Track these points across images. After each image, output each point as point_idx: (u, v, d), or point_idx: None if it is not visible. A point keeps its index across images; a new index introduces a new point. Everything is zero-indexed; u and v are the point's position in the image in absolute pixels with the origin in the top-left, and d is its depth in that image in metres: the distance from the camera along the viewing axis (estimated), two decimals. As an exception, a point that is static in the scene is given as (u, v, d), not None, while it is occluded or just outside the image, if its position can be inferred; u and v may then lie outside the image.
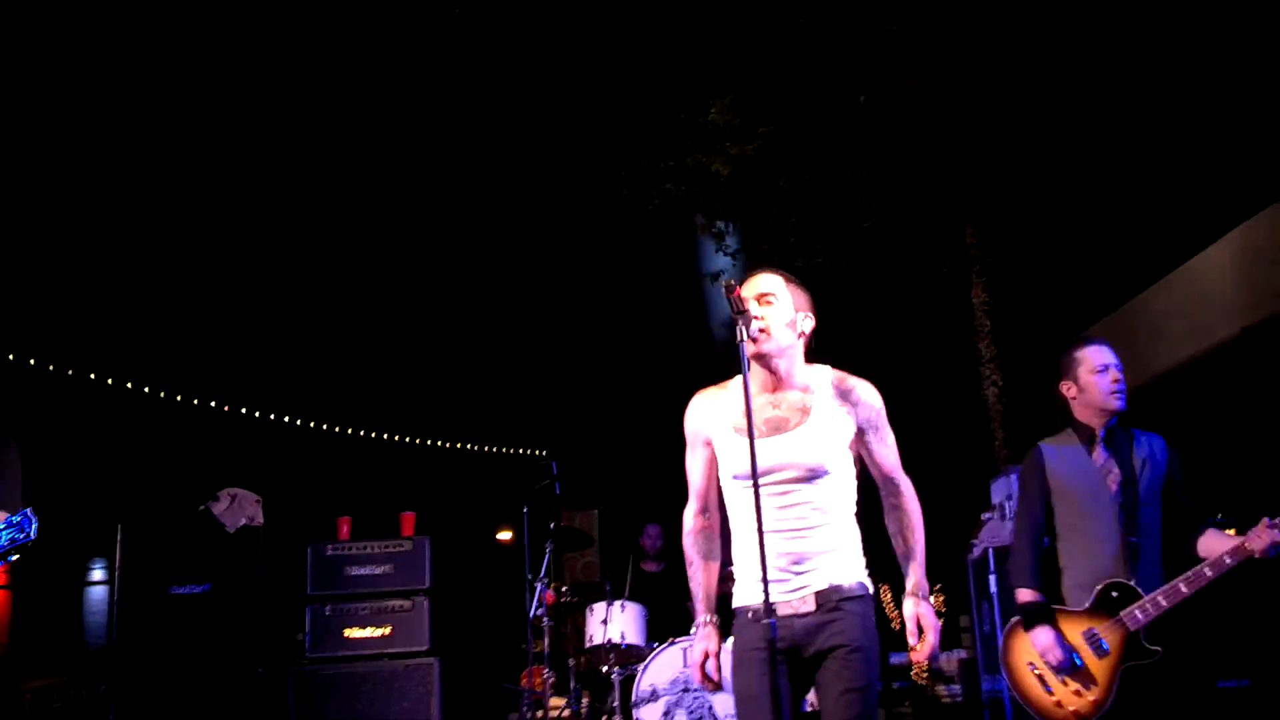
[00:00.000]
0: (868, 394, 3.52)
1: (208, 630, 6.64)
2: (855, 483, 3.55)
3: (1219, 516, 5.51)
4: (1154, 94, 8.49)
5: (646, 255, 10.20)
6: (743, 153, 9.09)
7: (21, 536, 3.74)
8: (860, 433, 3.50)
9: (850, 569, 3.43)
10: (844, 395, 3.52)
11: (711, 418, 3.53)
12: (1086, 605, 4.25)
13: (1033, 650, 4.29)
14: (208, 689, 6.54)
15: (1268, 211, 8.23)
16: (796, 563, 3.39)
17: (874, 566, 3.54)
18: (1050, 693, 4.28)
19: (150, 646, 6.59)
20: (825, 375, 3.55)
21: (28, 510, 3.76)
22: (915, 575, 3.49)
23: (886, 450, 3.56)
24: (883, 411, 3.54)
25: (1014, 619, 4.40)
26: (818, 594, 3.35)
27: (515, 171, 10.15)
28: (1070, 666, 4.22)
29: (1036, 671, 4.30)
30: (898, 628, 9.45)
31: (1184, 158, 8.57)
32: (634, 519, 10.07)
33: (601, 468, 11.92)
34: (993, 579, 6.19)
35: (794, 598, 3.36)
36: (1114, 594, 4.20)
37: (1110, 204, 9.07)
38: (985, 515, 6.66)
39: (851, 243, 9.24)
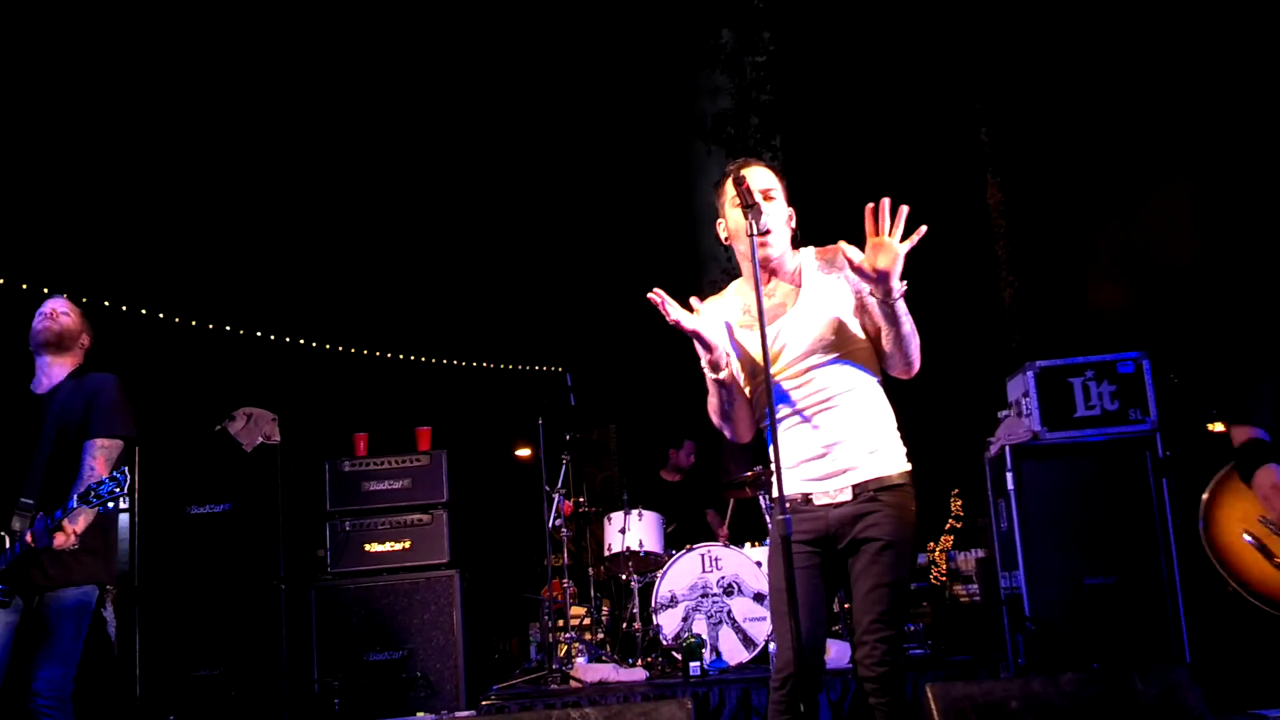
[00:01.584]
0: (851, 252, 3.40)
1: (228, 549, 6.68)
2: (876, 357, 3.48)
3: None
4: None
5: (653, 171, 10.13)
6: (762, 51, 8.97)
7: (120, 490, 4.10)
8: (859, 295, 3.42)
9: (887, 454, 3.41)
10: (830, 264, 3.47)
11: (714, 324, 3.49)
12: None
13: (1247, 514, 3.45)
14: (231, 607, 6.60)
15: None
16: (828, 449, 3.37)
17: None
18: (1278, 565, 3.45)
19: (172, 567, 6.64)
20: (809, 254, 3.53)
21: (125, 468, 4.14)
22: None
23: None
24: None
25: (1218, 476, 3.60)
26: (854, 486, 3.35)
27: (529, 87, 10.04)
28: None
29: (1254, 540, 3.48)
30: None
31: (1195, 56, 8.38)
32: (652, 433, 10.09)
33: (620, 383, 11.93)
34: (1009, 476, 6.17)
35: (830, 486, 3.37)
36: None
37: (1124, 102, 8.90)
38: (1002, 413, 6.62)
39: (868, 143, 9.11)
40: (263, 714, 6.54)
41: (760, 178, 3.49)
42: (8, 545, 4.31)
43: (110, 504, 4.19)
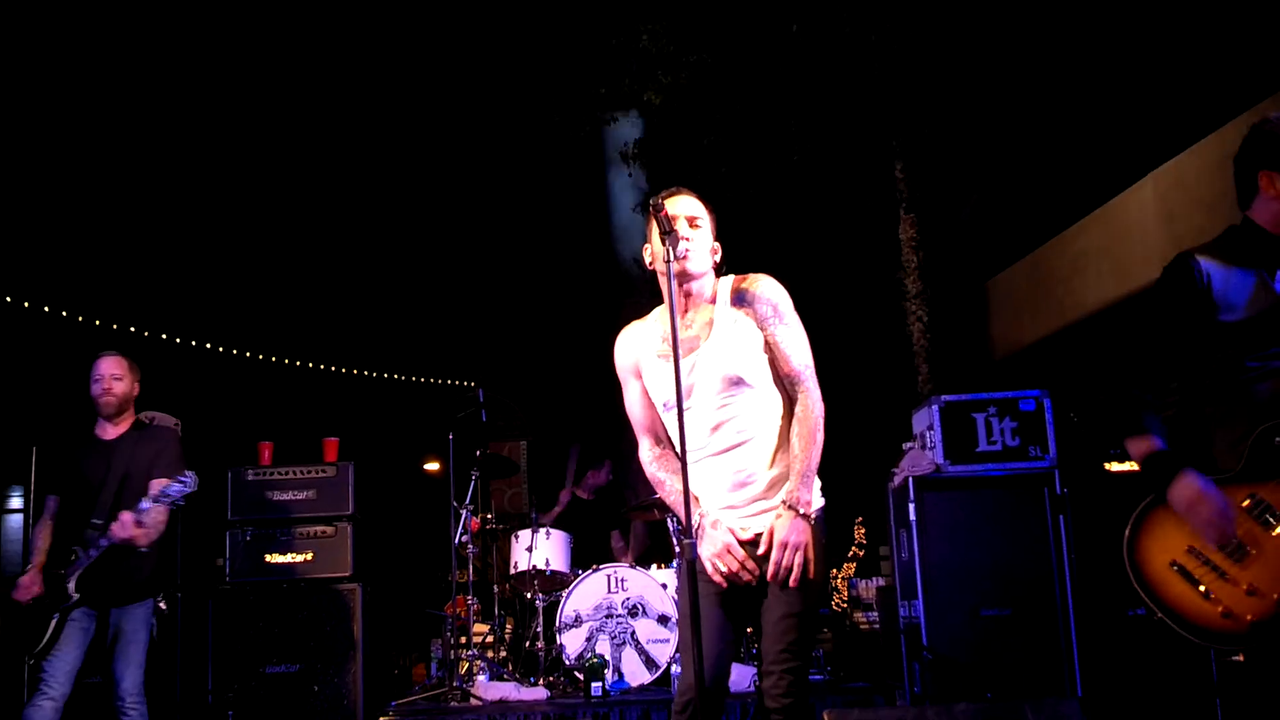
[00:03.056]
0: (763, 287, 3.47)
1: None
2: (786, 393, 3.51)
3: None
4: (1080, 33, 8.53)
5: (571, 185, 10.13)
6: (675, 81, 9.02)
7: (187, 487, 5.16)
8: (762, 328, 3.44)
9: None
10: (739, 297, 3.49)
11: (636, 349, 3.53)
12: (1239, 466, 3.11)
13: (1172, 540, 3.10)
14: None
15: (1190, 151, 8.36)
16: (741, 484, 3.40)
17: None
18: (1207, 595, 3.05)
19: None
20: (726, 285, 3.54)
21: (191, 472, 5.21)
22: (793, 484, 3.33)
23: (790, 344, 3.45)
24: (783, 304, 3.46)
25: (1139, 508, 3.21)
26: (768, 521, 3.37)
27: (442, 101, 9.99)
28: (1234, 547, 3.02)
29: (1180, 568, 3.09)
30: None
31: (1110, 96, 8.65)
32: (562, 451, 10.08)
33: (531, 399, 11.90)
34: (911, 507, 6.28)
35: (744, 521, 3.40)
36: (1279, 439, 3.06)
37: (1037, 142, 9.15)
38: (906, 445, 6.74)
39: (782, 175, 9.23)
40: (154, 724, 6.39)
41: (685, 205, 3.52)
42: (80, 555, 5.10)
43: (180, 501, 5.17)
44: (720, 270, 3.59)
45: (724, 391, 3.40)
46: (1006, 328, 11.17)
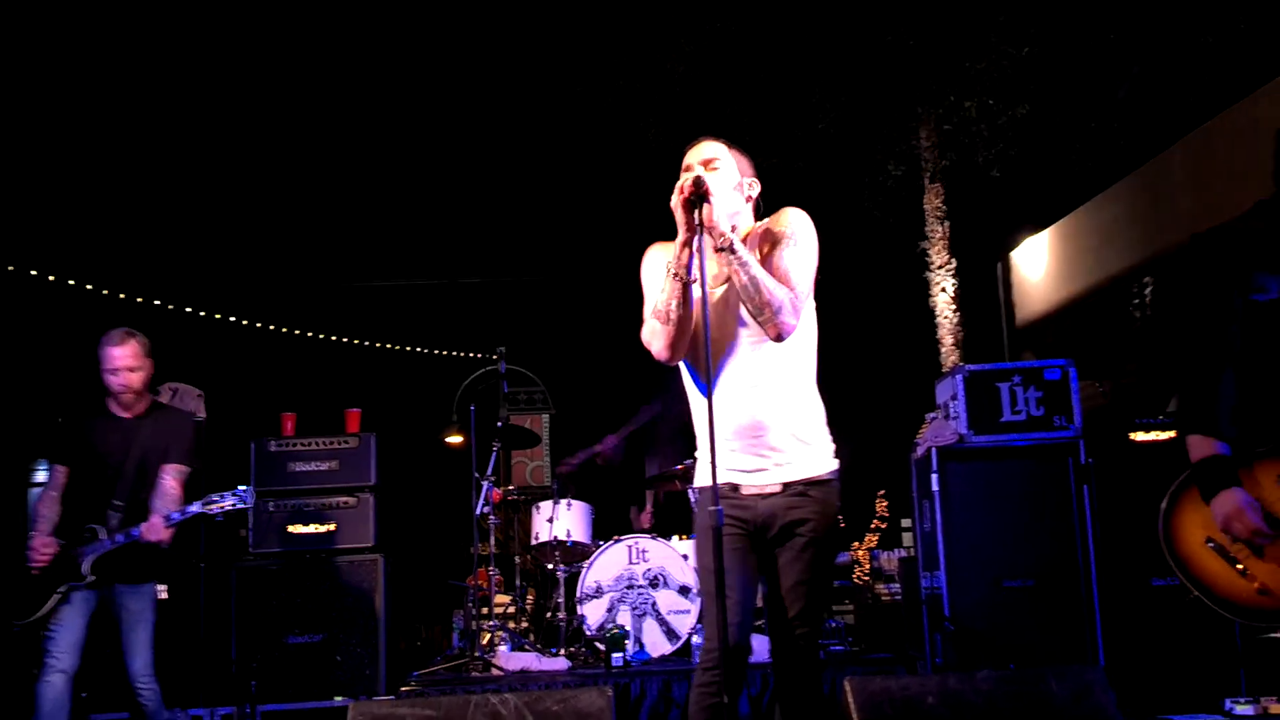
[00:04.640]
0: (788, 215, 3.40)
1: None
2: (813, 346, 3.46)
3: None
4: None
5: (598, 154, 10.05)
6: (698, 50, 8.94)
7: (241, 504, 5.20)
8: (773, 251, 3.36)
9: (817, 450, 3.40)
10: (766, 234, 3.43)
11: (663, 264, 3.41)
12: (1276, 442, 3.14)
13: (1210, 520, 3.12)
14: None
15: (1220, 117, 8.25)
16: (757, 435, 3.34)
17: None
18: (1244, 573, 3.06)
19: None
20: (761, 225, 3.49)
21: (249, 486, 5.26)
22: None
23: (791, 262, 3.33)
24: (801, 232, 3.37)
25: (1177, 483, 3.28)
26: (784, 482, 3.34)
27: (468, 68, 9.94)
28: (1269, 532, 3.01)
29: (1216, 545, 3.14)
30: (841, 527, 9.62)
31: (1139, 61, 8.52)
32: (584, 424, 10.08)
33: (554, 373, 11.90)
34: (934, 478, 6.24)
35: (760, 480, 3.35)
36: None
37: (1064, 111, 9.02)
38: (930, 415, 6.70)
39: (805, 145, 9.15)
40: (178, 693, 6.45)
41: (704, 150, 3.46)
42: (103, 536, 5.09)
43: (230, 510, 5.21)
44: (758, 206, 3.53)
45: (743, 335, 3.35)
46: (1031, 297, 11.09)
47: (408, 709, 3.13)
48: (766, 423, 3.34)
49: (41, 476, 11.63)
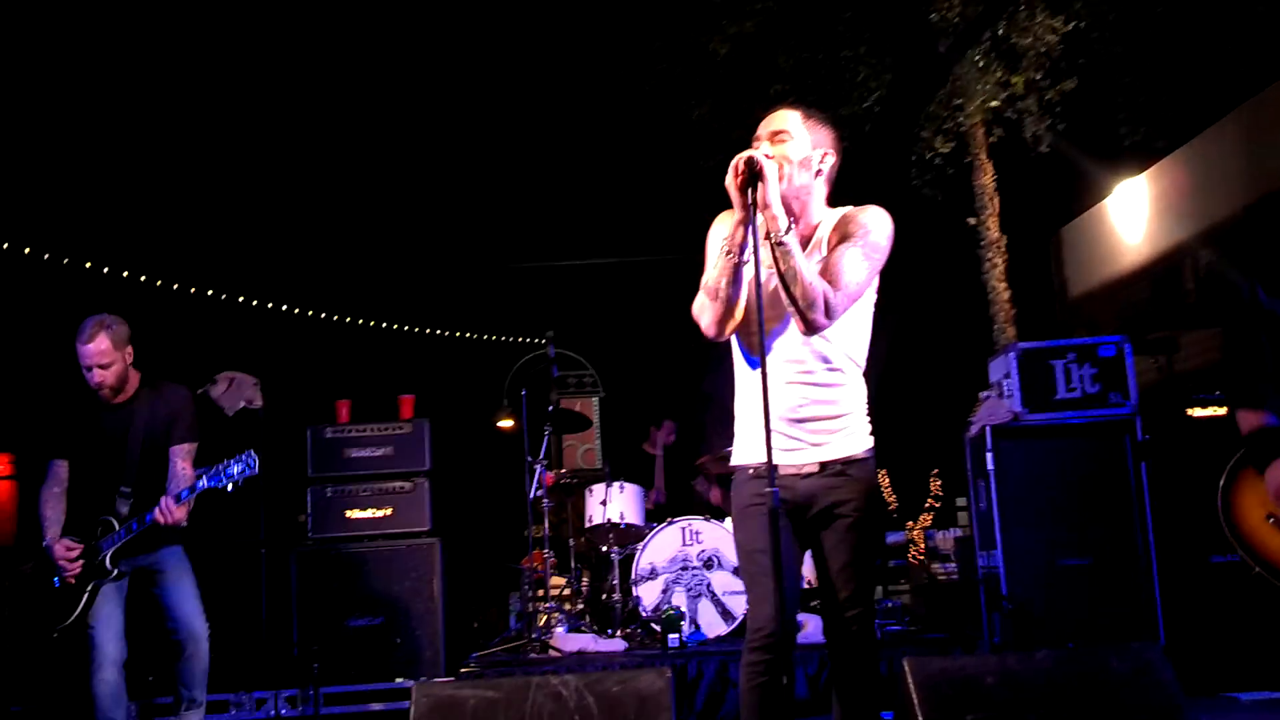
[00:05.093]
0: (864, 213, 3.34)
1: (209, 512, 6.66)
2: (868, 335, 3.43)
3: None
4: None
5: (647, 138, 10.03)
6: (740, 30, 8.88)
7: (249, 470, 4.91)
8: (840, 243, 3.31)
9: (856, 431, 3.38)
10: (843, 221, 3.36)
11: (722, 242, 3.34)
12: None
13: (1267, 493, 3.15)
14: (212, 570, 6.58)
15: (1275, 87, 8.11)
16: (800, 421, 3.33)
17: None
18: None
19: (153, 529, 6.63)
20: (837, 214, 3.41)
21: (251, 451, 4.93)
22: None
23: (847, 259, 3.26)
24: (875, 232, 3.30)
25: (1235, 459, 3.36)
26: (822, 461, 3.33)
27: (511, 53, 9.95)
28: None
29: (1278, 521, 3.22)
30: (894, 507, 9.60)
31: (1192, 34, 8.38)
32: (635, 407, 10.12)
33: (604, 356, 11.93)
34: (989, 456, 6.22)
35: (798, 459, 3.33)
36: None
37: (1114, 85, 8.90)
38: (983, 394, 6.66)
39: (853, 122, 9.08)
40: (242, 676, 6.57)
41: (774, 120, 3.38)
42: (118, 526, 5.02)
43: (239, 482, 4.95)
44: (830, 178, 3.44)
45: (789, 320, 3.29)
46: (1084, 272, 10.97)
47: (470, 690, 3.17)
48: (807, 404, 3.33)
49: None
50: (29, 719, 6.56)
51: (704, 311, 3.33)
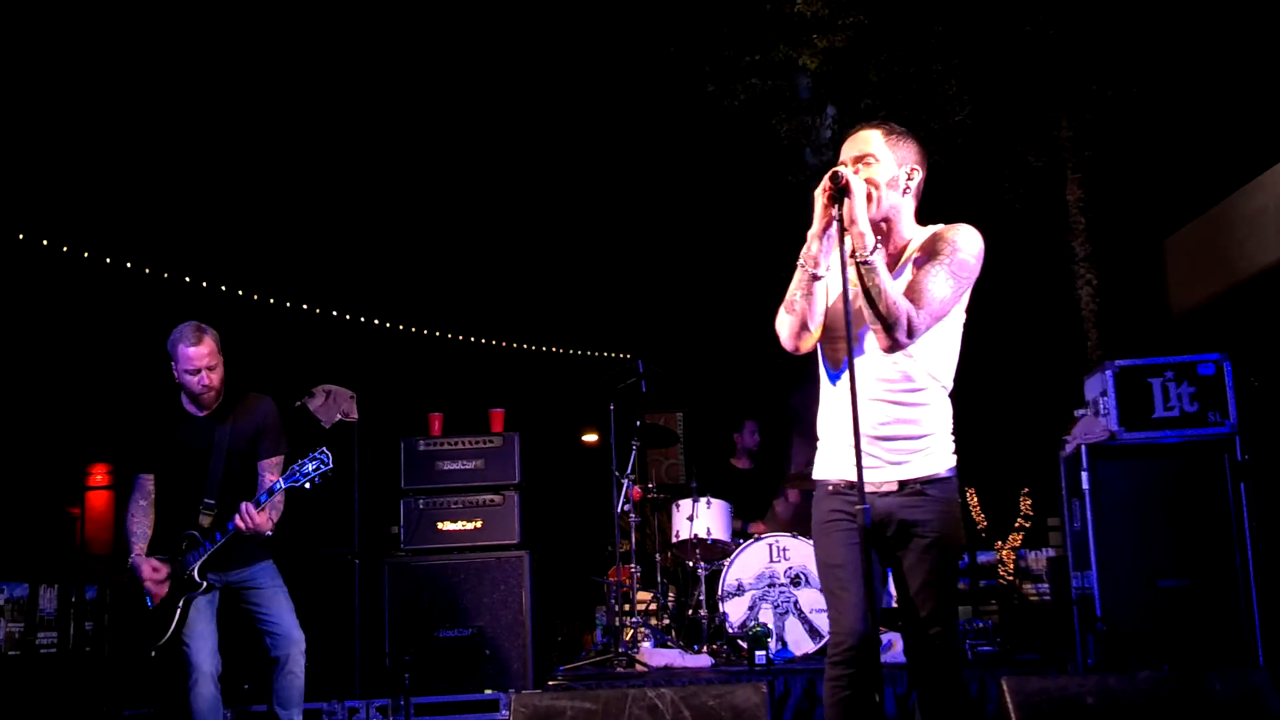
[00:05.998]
0: (954, 231, 3.31)
1: (305, 522, 6.79)
2: (955, 354, 3.39)
3: None
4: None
5: (735, 154, 10.07)
6: (830, 45, 8.88)
7: (324, 466, 4.88)
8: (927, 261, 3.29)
9: (938, 451, 3.35)
10: (933, 238, 3.34)
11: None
12: None
13: None
14: (305, 579, 6.71)
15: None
16: (881, 439, 3.30)
17: (961, 464, 3.44)
18: None
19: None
20: (927, 232, 3.39)
21: (324, 448, 4.93)
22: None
23: (931, 280, 3.23)
24: (963, 251, 3.27)
25: None
26: (901, 480, 3.31)
27: (598, 69, 10.06)
28: None
29: None
30: (983, 527, 9.48)
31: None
32: (719, 421, 10.12)
33: (688, 371, 11.96)
34: (1085, 476, 6.12)
35: (878, 476, 3.29)
36: None
37: (1208, 98, 8.73)
38: (1079, 412, 6.56)
39: (943, 137, 9.02)
40: (335, 685, 6.70)
41: (857, 143, 3.37)
42: (203, 540, 5.00)
43: (317, 480, 4.90)
44: (920, 217, 3.43)
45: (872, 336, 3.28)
46: (1183, 289, 10.73)
47: (568, 701, 3.21)
48: (890, 423, 3.31)
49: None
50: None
51: (782, 326, 3.35)
